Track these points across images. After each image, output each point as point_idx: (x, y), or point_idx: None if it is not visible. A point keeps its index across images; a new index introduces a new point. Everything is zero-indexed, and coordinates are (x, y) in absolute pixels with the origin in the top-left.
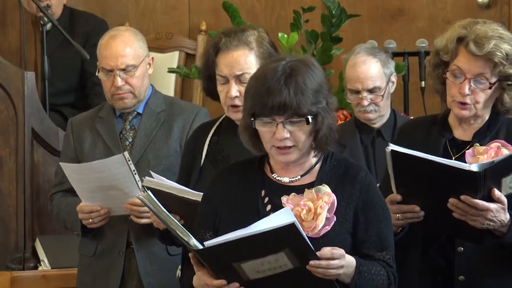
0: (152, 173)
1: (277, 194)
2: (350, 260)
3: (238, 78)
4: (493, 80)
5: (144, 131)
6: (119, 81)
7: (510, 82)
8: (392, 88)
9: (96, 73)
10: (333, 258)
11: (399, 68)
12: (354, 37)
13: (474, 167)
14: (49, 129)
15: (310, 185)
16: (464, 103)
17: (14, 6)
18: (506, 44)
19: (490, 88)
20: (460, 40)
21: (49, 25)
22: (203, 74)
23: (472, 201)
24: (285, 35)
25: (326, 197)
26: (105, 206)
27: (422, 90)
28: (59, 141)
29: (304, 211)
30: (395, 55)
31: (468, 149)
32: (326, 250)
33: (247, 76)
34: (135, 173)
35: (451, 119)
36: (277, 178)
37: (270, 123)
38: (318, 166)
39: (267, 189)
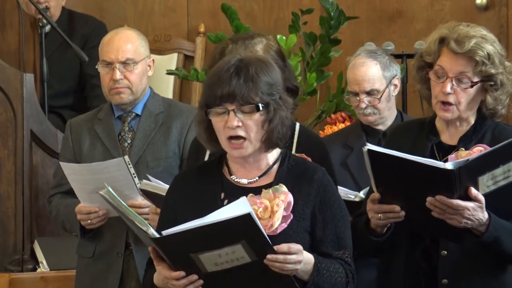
0: (149, 177)
1: (236, 196)
2: (308, 257)
3: None
4: (475, 79)
5: (142, 133)
6: (118, 74)
7: (492, 83)
8: (395, 91)
9: (96, 65)
10: (290, 253)
11: None
12: (353, 39)
13: (448, 165)
14: (48, 131)
15: (268, 186)
16: (447, 104)
17: (13, 8)
18: (489, 44)
19: (471, 87)
20: (442, 40)
21: (48, 27)
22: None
23: (447, 201)
24: (284, 37)
25: (283, 195)
26: (104, 207)
27: (418, 89)
28: (58, 143)
29: (261, 209)
30: (393, 57)
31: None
32: (283, 245)
33: None
34: (135, 176)
35: (438, 123)
36: (235, 180)
37: (223, 114)
38: (276, 166)
39: (226, 191)
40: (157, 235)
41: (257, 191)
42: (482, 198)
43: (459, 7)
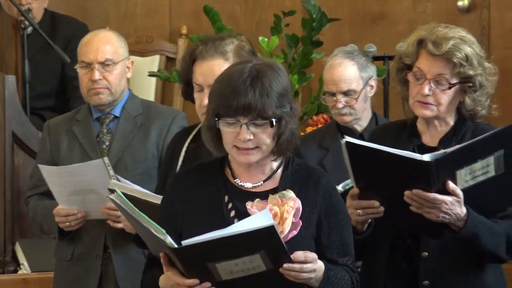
0: (118, 177)
1: (240, 199)
2: (320, 264)
3: None
4: (453, 81)
5: (121, 135)
6: (97, 75)
7: (470, 84)
8: (371, 92)
9: (75, 66)
10: (306, 262)
11: (380, 72)
12: (335, 41)
13: (426, 157)
14: (29, 132)
15: (273, 191)
16: (425, 103)
17: None
18: (467, 46)
19: (449, 88)
20: (421, 42)
21: (30, 29)
22: (181, 79)
23: (424, 195)
24: (266, 39)
25: (292, 202)
26: (82, 209)
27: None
28: None
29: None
30: (375, 59)
31: None
32: (299, 254)
33: None
34: (114, 178)
35: (420, 125)
36: (239, 184)
37: (234, 124)
38: (280, 171)
39: (230, 194)
40: (175, 245)
41: (262, 195)
42: (460, 193)
43: (441, 9)
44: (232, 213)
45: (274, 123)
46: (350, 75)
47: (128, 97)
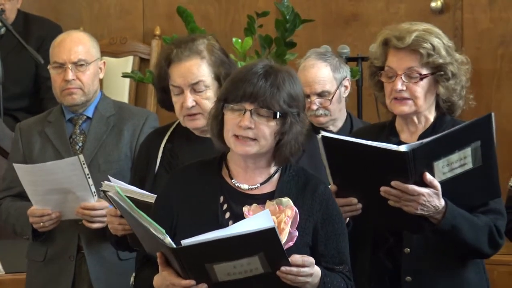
0: (110, 178)
1: (236, 201)
2: (317, 270)
3: (193, 88)
4: (424, 71)
5: (94, 135)
6: (70, 75)
7: (442, 73)
8: (345, 92)
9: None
10: (303, 266)
11: (353, 73)
12: (308, 42)
13: (402, 148)
14: (3, 134)
15: (270, 195)
16: (402, 99)
17: None
18: (433, 36)
19: (421, 79)
20: (386, 42)
21: (3, 29)
22: (157, 86)
23: (402, 186)
24: (239, 40)
25: (289, 211)
26: (57, 210)
27: (375, 95)
28: None
29: None
30: (348, 60)
31: None
32: (297, 257)
33: (202, 85)
34: (89, 177)
35: (398, 124)
36: (236, 185)
37: (239, 111)
38: (277, 175)
39: (225, 195)
40: (174, 245)
41: (258, 198)
42: (438, 185)
43: (414, 10)
44: (227, 215)
45: (278, 116)
46: (323, 76)
47: (100, 98)
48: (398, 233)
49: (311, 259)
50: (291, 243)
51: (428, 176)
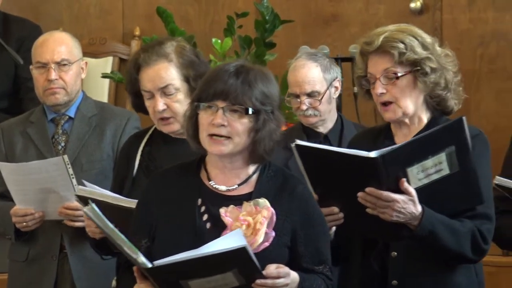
0: (85, 182)
1: (214, 203)
2: (294, 277)
3: (163, 91)
4: (400, 71)
5: (76, 136)
6: (53, 74)
7: (418, 68)
8: (335, 93)
9: (30, 67)
10: (278, 277)
11: None
12: (288, 42)
13: (372, 154)
14: None
15: (248, 196)
16: (386, 104)
17: None
18: (406, 35)
19: (397, 78)
20: (362, 52)
21: None
22: (129, 91)
23: (376, 192)
24: (219, 41)
25: (265, 211)
26: (40, 209)
27: (355, 96)
28: None
29: (244, 226)
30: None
31: None
32: (271, 269)
33: (171, 88)
34: (73, 177)
35: (392, 127)
36: (214, 186)
37: (211, 108)
38: (255, 176)
39: (203, 197)
40: (149, 265)
41: (236, 199)
42: (413, 191)
43: (393, 11)
44: (205, 217)
45: (250, 112)
46: (313, 76)
47: (82, 98)
48: None
49: (286, 270)
50: (267, 243)
51: (404, 183)
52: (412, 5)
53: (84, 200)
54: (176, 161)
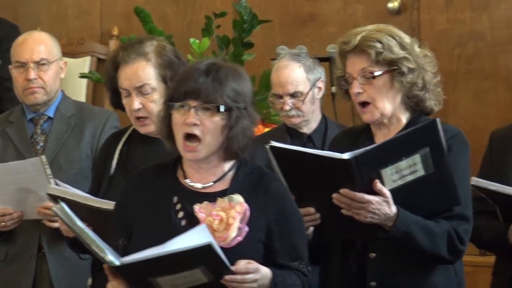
0: (57, 181)
1: (190, 200)
2: (265, 272)
3: (139, 90)
4: (378, 70)
5: (55, 135)
6: (32, 74)
7: (395, 67)
8: (319, 94)
9: (10, 66)
10: (247, 273)
11: None
12: (265, 42)
13: (345, 155)
14: None
15: (223, 193)
16: (364, 105)
17: None
18: (384, 34)
19: (374, 78)
20: (341, 52)
21: None
22: (108, 88)
23: (350, 194)
24: (197, 41)
25: (239, 207)
26: (18, 209)
27: (332, 95)
28: None
29: (216, 221)
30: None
31: None
32: (241, 265)
33: (148, 88)
34: (51, 177)
35: (372, 127)
36: (189, 184)
37: (184, 108)
38: (231, 173)
39: (179, 195)
40: (116, 263)
41: (211, 196)
42: (387, 192)
43: (371, 11)
44: (180, 214)
45: (222, 109)
46: (296, 77)
47: (62, 98)
48: None
49: (256, 265)
50: (240, 238)
51: (378, 184)
52: (390, 5)
53: (56, 199)
54: (153, 161)
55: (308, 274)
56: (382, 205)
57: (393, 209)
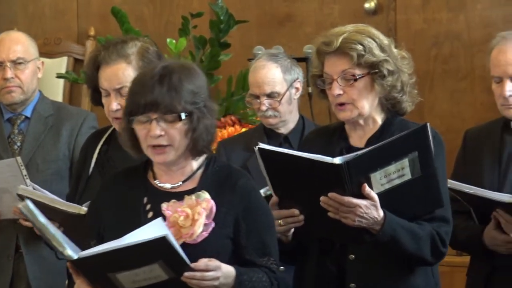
0: (28, 182)
1: (159, 200)
2: (228, 271)
3: (118, 92)
4: (359, 72)
5: (32, 135)
6: (9, 73)
7: (377, 71)
8: (296, 94)
9: None
10: (207, 270)
11: None
12: (242, 43)
13: (336, 160)
14: None
15: (192, 191)
16: (342, 104)
17: None
18: (364, 36)
19: (355, 80)
20: (319, 51)
21: None
22: (88, 85)
23: (338, 198)
24: (174, 41)
25: (205, 203)
26: None
27: (309, 96)
28: None
29: (182, 218)
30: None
31: None
32: (201, 262)
33: (127, 89)
34: (27, 178)
35: (347, 127)
36: (159, 185)
37: (145, 121)
38: (200, 171)
39: (149, 196)
40: (74, 256)
41: (180, 196)
42: (375, 196)
43: (348, 11)
44: (150, 214)
45: (184, 117)
46: (273, 77)
47: (39, 98)
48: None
49: (217, 263)
50: (205, 234)
51: (366, 188)
52: (367, 5)
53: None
54: (132, 160)
55: (276, 270)
56: (370, 209)
57: (380, 213)
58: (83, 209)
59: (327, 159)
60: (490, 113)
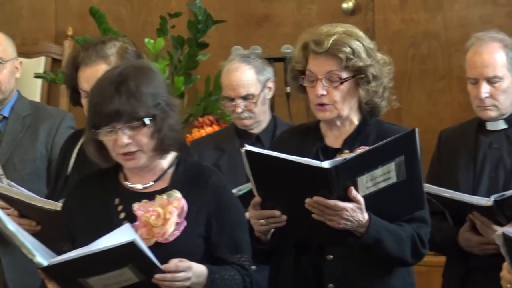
0: (3, 179)
1: (131, 201)
2: (199, 270)
3: None
4: (344, 75)
5: (10, 135)
6: None
7: (362, 76)
8: (269, 94)
9: None
10: (178, 271)
11: None
12: (220, 43)
13: (325, 164)
14: None
15: (163, 191)
16: (322, 105)
17: None
18: (353, 39)
19: (341, 83)
20: (306, 45)
21: None
22: (67, 85)
23: (324, 202)
24: (152, 41)
25: (176, 202)
26: None
27: (287, 96)
28: None
29: (154, 217)
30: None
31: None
32: (171, 263)
33: None
34: (3, 177)
35: (323, 127)
36: (130, 186)
37: (111, 131)
38: (171, 170)
39: (120, 197)
40: (44, 264)
41: (151, 196)
42: (361, 199)
43: (326, 11)
44: (122, 215)
45: (148, 122)
46: (248, 79)
47: (17, 98)
48: None
49: (187, 263)
50: (177, 233)
51: (353, 191)
52: (345, 5)
53: (3, 197)
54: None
55: (248, 268)
56: (356, 212)
57: (365, 215)
58: (59, 205)
59: (316, 163)
60: (467, 113)
